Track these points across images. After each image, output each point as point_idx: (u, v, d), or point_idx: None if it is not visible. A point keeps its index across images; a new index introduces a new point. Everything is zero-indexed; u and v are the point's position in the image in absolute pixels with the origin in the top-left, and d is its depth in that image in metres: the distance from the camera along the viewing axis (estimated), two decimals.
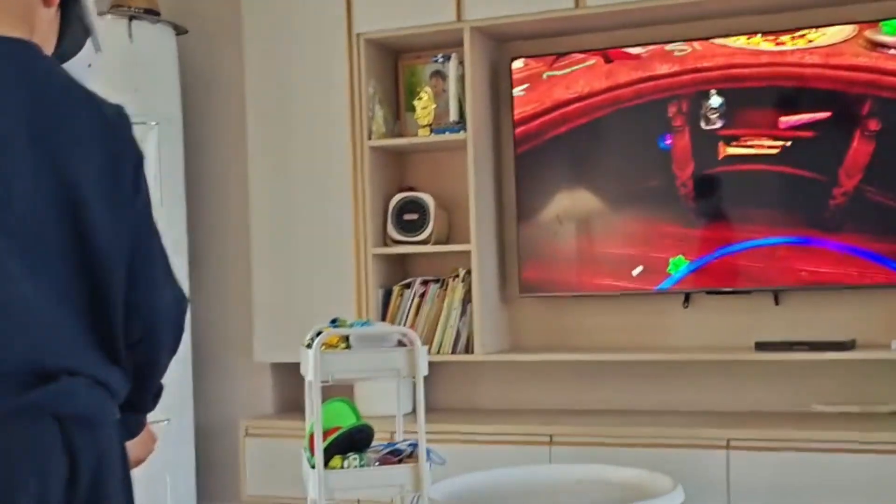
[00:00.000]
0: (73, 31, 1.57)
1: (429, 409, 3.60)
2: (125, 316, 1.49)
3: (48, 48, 1.54)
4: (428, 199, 3.68)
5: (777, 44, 3.34)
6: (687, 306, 3.55)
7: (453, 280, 3.65)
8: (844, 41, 3.27)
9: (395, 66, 3.86)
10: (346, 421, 2.31)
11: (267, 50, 3.77)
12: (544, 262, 3.62)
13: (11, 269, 1.40)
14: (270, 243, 3.78)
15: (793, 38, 3.33)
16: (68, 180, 1.42)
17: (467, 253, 3.59)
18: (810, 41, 3.31)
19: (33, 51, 1.47)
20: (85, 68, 1.59)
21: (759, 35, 3.36)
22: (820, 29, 3.30)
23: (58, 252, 1.43)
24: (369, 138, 3.66)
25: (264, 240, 3.79)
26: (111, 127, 1.47)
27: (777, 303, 3.45)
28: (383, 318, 3.70)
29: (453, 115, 3.62)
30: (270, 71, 3.78)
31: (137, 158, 1.49)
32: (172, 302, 1.55)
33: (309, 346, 2.22)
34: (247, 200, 3.82)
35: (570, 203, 3.60)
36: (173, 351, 1.58)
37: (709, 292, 3.50)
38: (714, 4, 3.37)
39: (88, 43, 1.60)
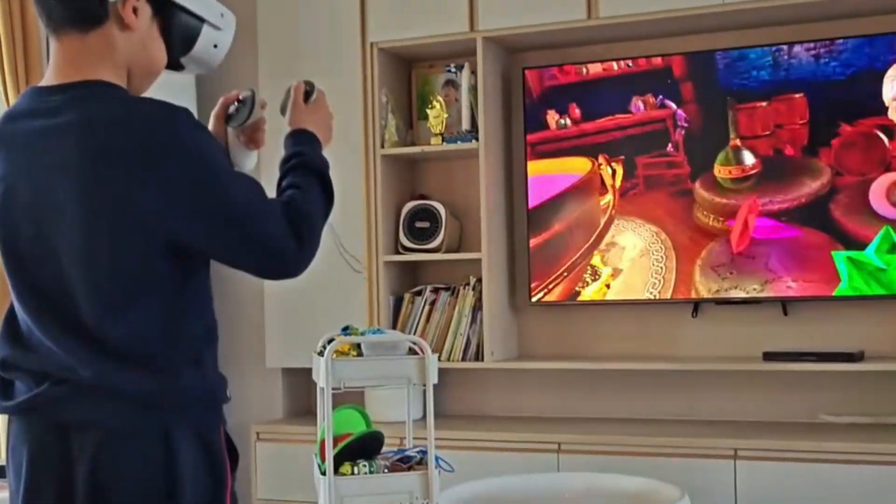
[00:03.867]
0: (181, 25, 1.61)
1: (438, 416, 3.62)
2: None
3: (150, 61, 1.61)
4: (440, 208, 3.71)
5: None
6: (696, 316, 3.57)
7: (464, 288, 3.68)
8: None
9: (409, 75, 3.90)
10: (357, 428, 2.34)
11: (280, 58, 3.81)
12: (554, 270, 3.64)
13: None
14: None
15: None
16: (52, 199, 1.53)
17: (478, 261, 3.62)
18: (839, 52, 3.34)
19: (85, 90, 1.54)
20: (211, 49, 1.65)
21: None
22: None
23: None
24: (382, 146, 3.70)
25: None
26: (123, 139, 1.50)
27: (786, 313, 3.46)
28: (394, 325, 3.73)
29: (465, 125, 3.65)
30: (284, 78, 3.80)
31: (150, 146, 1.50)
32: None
33: (321, 353, 2.24)
34: None
35: (581, 211, 3.62)
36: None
37: (717, 302, 3.51)
38: (738, 15, 3.37)
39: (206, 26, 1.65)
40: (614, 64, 3.51)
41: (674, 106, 3.48)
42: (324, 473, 2.20)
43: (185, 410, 1.57)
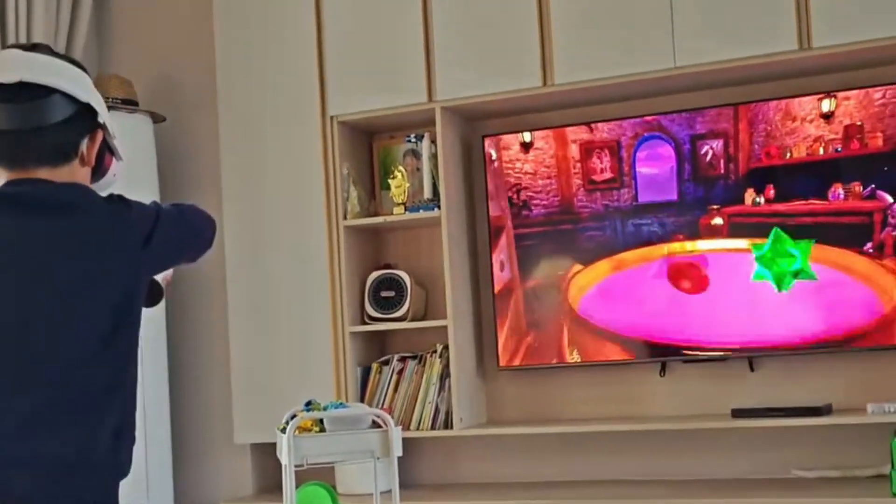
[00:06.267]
0: (104, 154, 1.87)
1: (409, 486, 3.61)
2: None
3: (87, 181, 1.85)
4: (404, 276, 3.72)
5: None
6: (663, 375, 3.58)
7: (431, 356, 3.68)
8: None
9: (370, 145, 3.94)
10: None
11: (242, 134, 3.84)
12: (521, 335, 3.65)
13: None
14: (248, 324, 3.81)
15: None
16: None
17: (444, 328, 3.62)
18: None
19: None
20: (111, 177, 1.91)
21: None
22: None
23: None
24: (345, 218, 3.71)
25: (242, 321, 3.81)
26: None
27: (752, 369, 3.48)
28: (362, 396, 3.71)
29: (427, 193, 3.68)
30: (246, 155, 3.84)
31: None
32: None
33: (283, 430, 2.23)
34: (224, 282, 3.85)
35: (546, 275, 3.64)
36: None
37: (685, 360, 3.53)
38: (687, 78, 3.42)
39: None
40: (820, 148, 3.10)
41: (889, 199, 2.98)
42: None
43: (100, 480, 1.65)
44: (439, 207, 3.63)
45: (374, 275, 3.76)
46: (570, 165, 3.60)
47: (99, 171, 1.87)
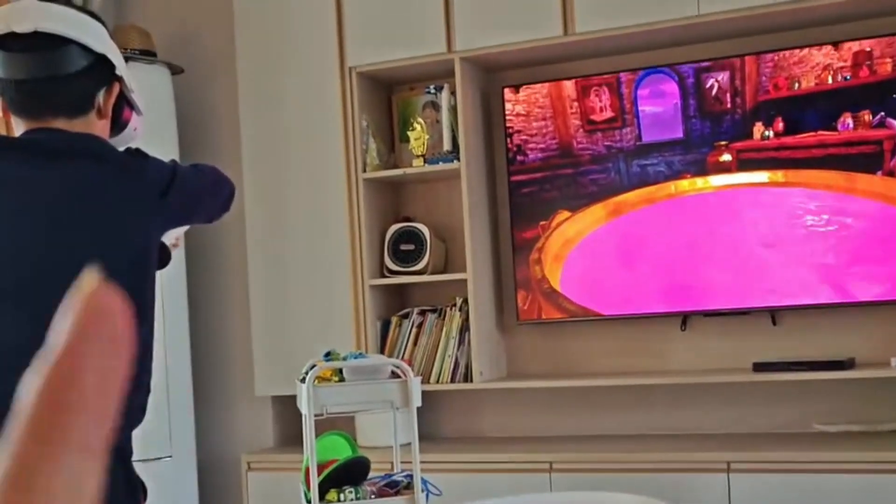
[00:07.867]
0: (123, 113, 1.85)
1: (428, 438, 3.62)
2: None
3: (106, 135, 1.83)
4: (424, 230, 3.70)
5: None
6: (684, 329, 3.55)
7: (451, 309, 3.66)
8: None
9: (389, 98, 3.90)
10: (343, 454, 2.32)
11: (261, 86, 3.81)
12: (541, 288, 3.63)
13: None
14: (268, 277, 3.80)
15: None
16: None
17: (464, 282, 3.60)
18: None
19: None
20: (132, 131, 1.89)
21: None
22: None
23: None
24: (364, 171, 3.69)
25: (262, 274, 3.81)
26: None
27: (774, 323, 3.45)
28: (382, 349, 3.71)
29: (447, 145, 3.65)
30: (265, 107, 3.82)
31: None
32: None
33: (303, 380, 2.23)
34: (243, 236, 3.85)
35: (564, 228, 3.61)
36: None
37: (706, 314, 3.50)
38: (706, 27, 3.38)
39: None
40: (829, 77, 3.05)
41: None
42: (310, 502, 2.17)
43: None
44: (459, 160, 3.60)
45: (394, 228, 3.74)
46: (567, 105, 3.55)
47: (117, 125, 1.85)
